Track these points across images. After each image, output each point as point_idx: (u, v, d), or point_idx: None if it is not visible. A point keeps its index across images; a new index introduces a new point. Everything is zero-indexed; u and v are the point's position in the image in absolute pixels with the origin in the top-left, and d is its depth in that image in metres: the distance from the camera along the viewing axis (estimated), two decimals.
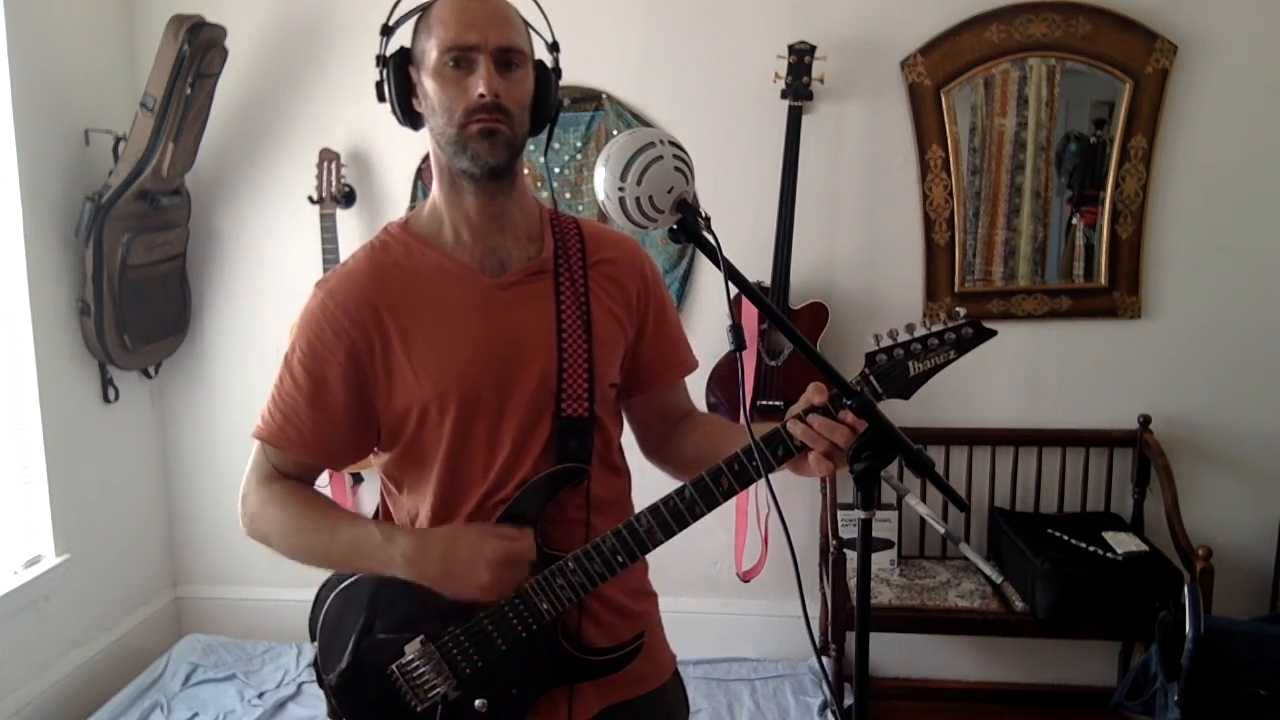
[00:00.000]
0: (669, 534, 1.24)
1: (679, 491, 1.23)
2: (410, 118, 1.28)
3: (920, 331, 1.19)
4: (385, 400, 1.27)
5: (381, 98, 1.29)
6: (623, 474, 1.41)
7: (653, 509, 1.24)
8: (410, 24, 1.28)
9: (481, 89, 1.18)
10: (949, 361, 1.20)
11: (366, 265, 1.30)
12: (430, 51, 1.21)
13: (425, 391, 1.25)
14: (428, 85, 1.23)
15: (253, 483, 1.32)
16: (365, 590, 1.31)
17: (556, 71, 1.32)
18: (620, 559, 1.24)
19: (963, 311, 1.21)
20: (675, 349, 1.43)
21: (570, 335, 1.29)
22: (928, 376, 1.20)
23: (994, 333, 1.20)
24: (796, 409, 1.20)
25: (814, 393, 1.19)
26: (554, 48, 1.33)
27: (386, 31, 1.28)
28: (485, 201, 1.27)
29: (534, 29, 1.30)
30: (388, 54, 1.27)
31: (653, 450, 1.47)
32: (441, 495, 1.29)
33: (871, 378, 1.18)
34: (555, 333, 1.28)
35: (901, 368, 1.19)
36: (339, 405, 1.27)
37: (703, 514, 1.23)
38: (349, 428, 1.29)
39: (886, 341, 1.19)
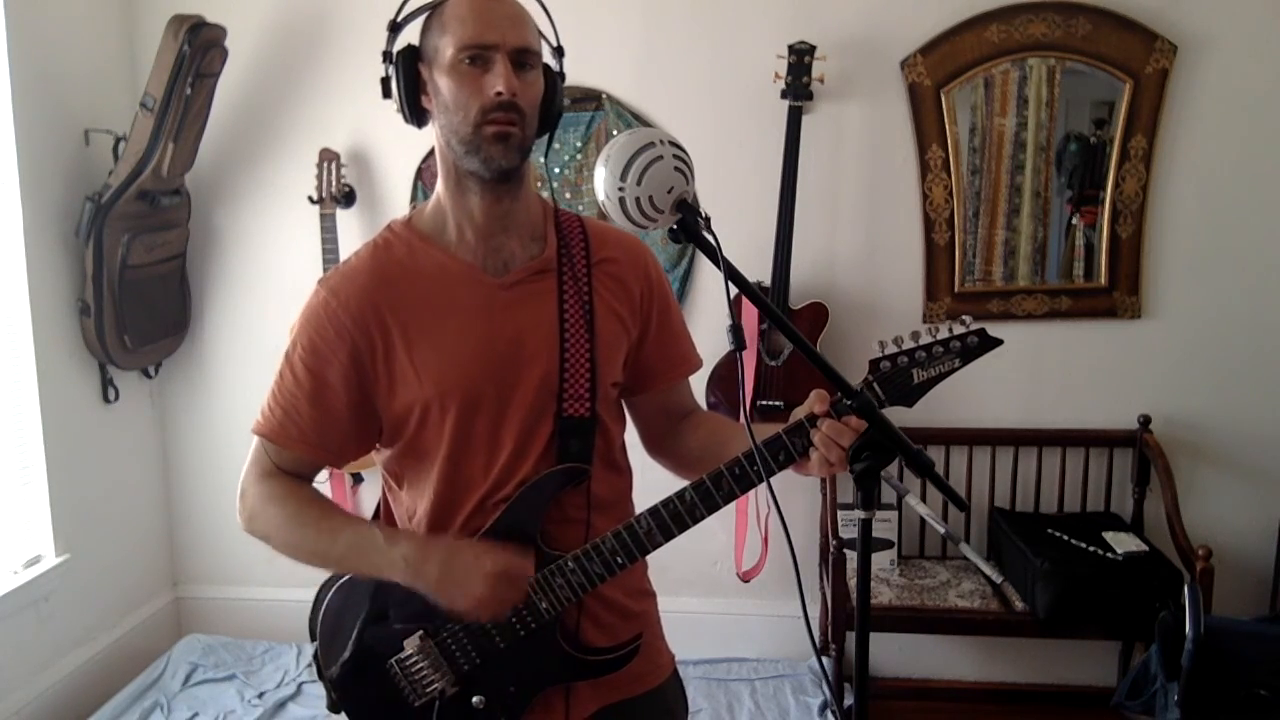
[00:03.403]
0: (669, 536, 1.24)
1: (679, 494, 1.23)
2: (416, 115, 1.28)
3: (925, 339, 1.19)
4: (386, 398, 1.27)
5: (387, 94, 1.28)
6: (624, 473, 1.42)
7: (653, 511, 1.24)
8: (415, 22, 1.28)
9: (500, 88, 1.18)
10: (953, 370, 1.20)
11: (369, 263, 1.30)
12: (446, 49, 1.21)
13: (427, 390, 1.25)
14: (441, 83, 1.22)
15: (251, 478, 1.32)
16: (366, 585, 1.31)
17: (560, 74, 1.32)
18: (620, 560, 1.25)
19: (969, 319, 1.21)
20: (679, 348, 1.43)
21: (572, 335, 1.29)
22: (931, 385, 1.20)
23: (1000, 342, 1.20)
24: (799, 416, 1.20)
25: (816, 400, 1.19)
26: (559, 51, 1.33)
27: (395, 28, 1.27)
28: (491, 202, 1.27)
29: (542, 34, 1.30)
30: (396, 50, 1.26)
31: (656, 448, 1.48)
32: (442, 493, 1.29)
33: (875, 384, 1.19)
34: (558, 332, 1.28)
35: (905, 375, 1.19)
36: (339, 403, 1.27)
37: (703, 517, 1.23)
38: (349, 425, 1.29)
39: (891, 348, 1.19)
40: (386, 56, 1.27)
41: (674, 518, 1.23)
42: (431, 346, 1.26)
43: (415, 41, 1.27)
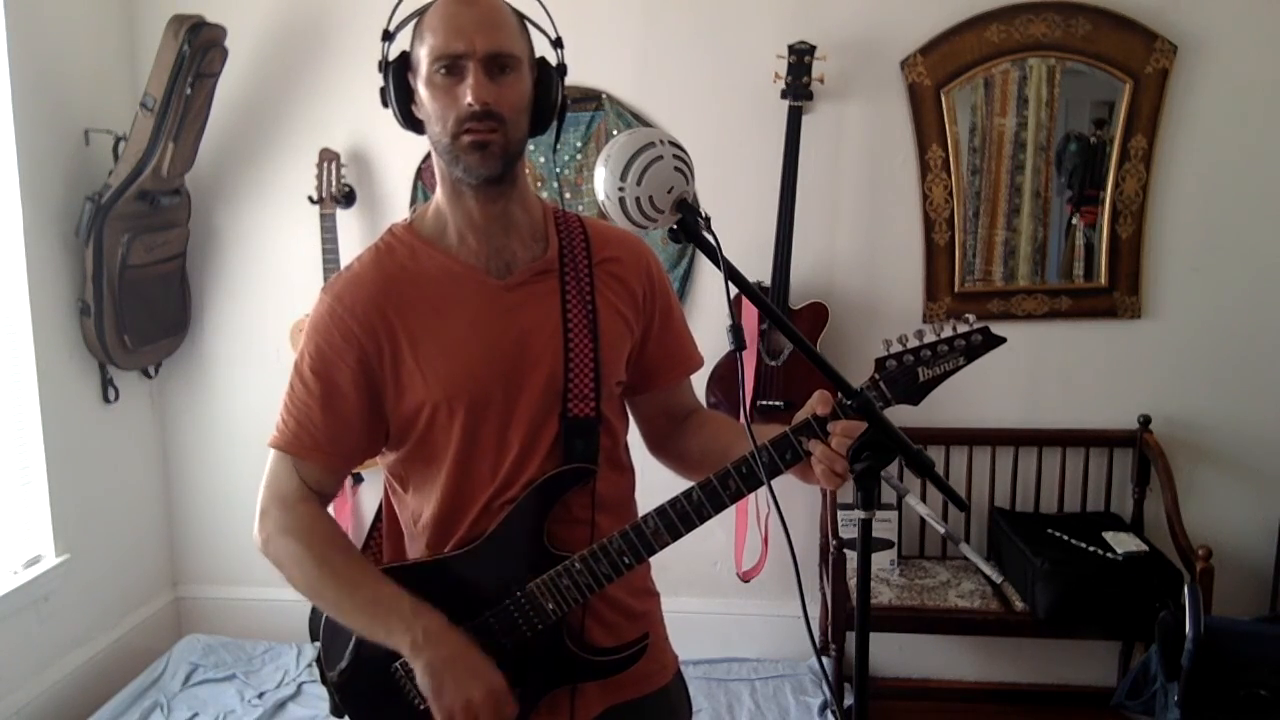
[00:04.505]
0: (676, 536, 1.24)
1: (686, 494, 1.23)
2: (413, 123, 1.28)
3: (930, 338, 1.20)
4: (394, 401, 1.27)
5: (385, 103, 1.28)
6: (628, 472, 1.41)
7: (660, 511, 1.24)
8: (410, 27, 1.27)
9: (469, 98, 1.18)
10: (958, 368, 1.21)
11: (373, 269, 1.29)
12: (422, 60, 1.21)
13: (434, 394, 1.25)
14: (422, 93, 1.22)
15: (273, 500, 1.30)
16: None
17: (560, 68, 1.30)
18: (627, 560, 1.25)
19: (972, 318, 1.21)
20: (681, 347, 1.43)
21: (576, 335, 1.28)
22: (937, 383, 1.21)
23: (1003, 340, 1.20)
24: (802, 415, 1.20)
25: (819, 402, 1.19)
26: (557, 43, 1.32)
27: (387, 37, 1.26)
28: (486, 205, 1.27)
29: (536, 24, 1.29)
30: (390, 59, 1.26)
31: (658, 448, 1.48)
32: (450, 495, 1.29)
33: (881, 383, 1.19)
34: (562, 333, 1.28)
35: (910, 374, 1.19)
36: (352, 409, 1.27)
37: (710, 517, 1.23)
38: (362, 430, 1.29)
39: (896, 347, 1.20)
40: (380, 66, 1.26)
41: (681, 517, 1.23)
42: (437, 349, 1.26)
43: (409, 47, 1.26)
